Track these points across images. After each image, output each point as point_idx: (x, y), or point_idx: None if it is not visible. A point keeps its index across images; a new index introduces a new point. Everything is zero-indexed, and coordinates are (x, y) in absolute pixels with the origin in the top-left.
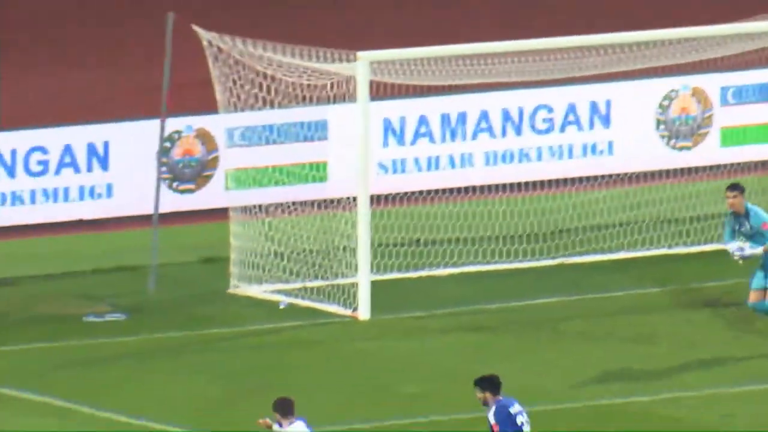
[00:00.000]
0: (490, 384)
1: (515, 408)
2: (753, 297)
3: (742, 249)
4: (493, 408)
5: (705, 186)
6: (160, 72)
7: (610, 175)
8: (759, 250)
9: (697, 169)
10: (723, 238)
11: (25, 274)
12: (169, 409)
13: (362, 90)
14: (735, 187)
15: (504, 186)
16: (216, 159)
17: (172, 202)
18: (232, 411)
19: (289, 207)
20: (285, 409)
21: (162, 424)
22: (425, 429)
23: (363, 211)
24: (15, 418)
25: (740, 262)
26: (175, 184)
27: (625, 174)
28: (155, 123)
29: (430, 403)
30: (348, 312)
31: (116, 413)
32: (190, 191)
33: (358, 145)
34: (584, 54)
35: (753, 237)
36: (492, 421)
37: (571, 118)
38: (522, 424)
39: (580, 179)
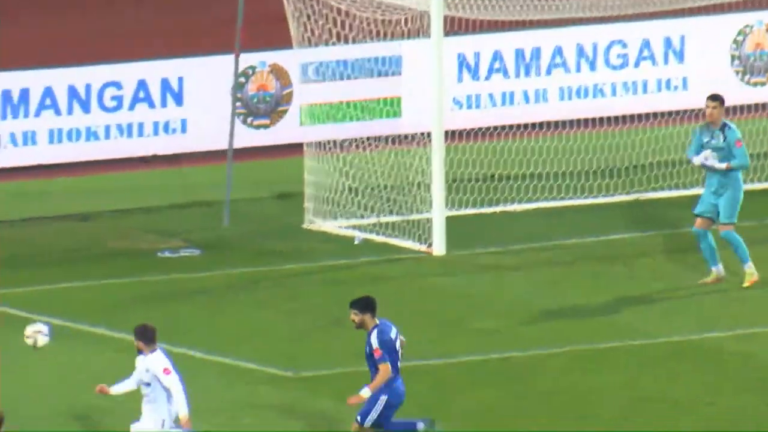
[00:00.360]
0: (367, 305)
1: (393, 332)
2: (699, 224)
3: (707, 159)
4: (375, 331)
5: None
6: (235, 7)
7: (685, 111)
8: (722, 165)
9: None
10: (687, 149)
11: (100, 209)
12: (243, 344)
13: (436, 25)
14: (716, 98)
15: (578, 121)
16: (290, 94)
17: (247, 137)
18: (306, 346)
19: (363, 142)
20: (147, 336)
21: (236, 359)
22: (500, 365)
23: (437, 146)
24: (90, 353)
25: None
26: (249, 120)
27: (700, 110)
28: (229, 58)
29: (505, 339)
30: (422, 248)
31: (190, 349)
32: (265, 126)
33: (431, 81)
34: None
35: (721, 151)
36: (375, 345)
37: (645, 53)
38: (399, 349)
39: (654, 115)
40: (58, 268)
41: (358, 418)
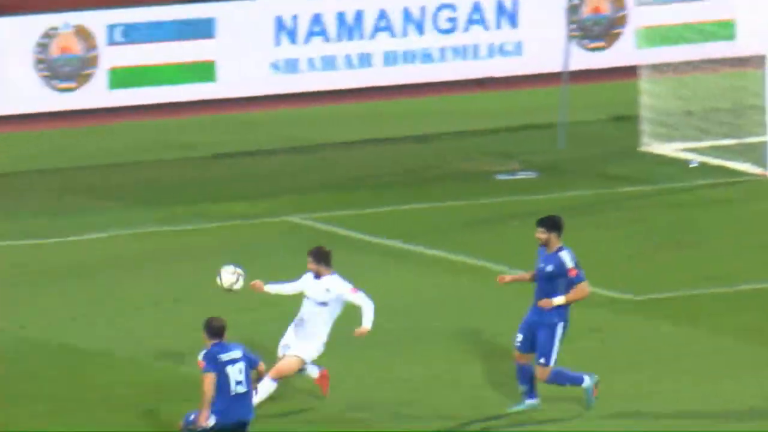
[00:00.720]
0: (555, 224)
1: None
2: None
3: None
4: (565, 251)
5: None
6: None
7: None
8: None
9: None
10: None
11: (438, 131)
12: (582, 267)
13: None
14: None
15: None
16: (624, 17)
17: (582, 59)
18: (645, 269)
19: (698, 65)
20: (328, 259)
21: None
22: None
23: None
24: (426, 276)
25: None
26: (584, 42)
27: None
28: None
29: None
30: (759, 171)
31: (527, 271)
32: (600, 49)
33: None
34: None
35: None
36: (570, 264)
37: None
38: None
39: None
40: (395, 190)
41: (542, 360)
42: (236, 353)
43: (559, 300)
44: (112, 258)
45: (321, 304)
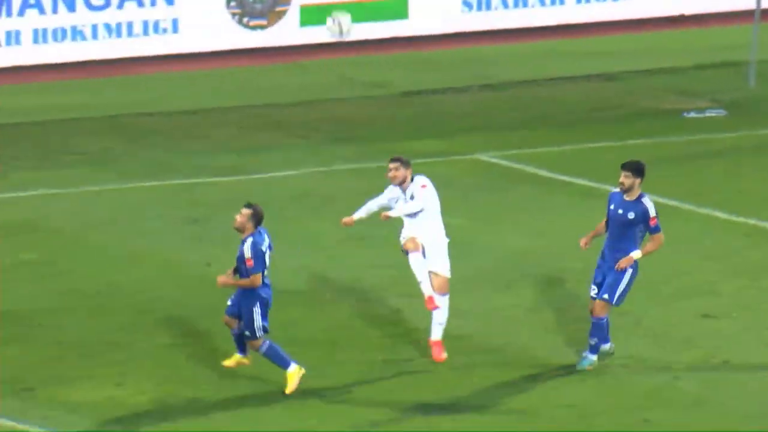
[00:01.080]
0: (639, 169)
1: None
2: None
3: None
4: (647, 198)
5: None
6: None
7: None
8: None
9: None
10: None
11: (626, 69)
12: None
13: None
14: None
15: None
16: None
17: None
18: None
19: None
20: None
21: (760, 221)
22: None
23: None
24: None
25: None
26: None
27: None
28: None
29: None
30: None
31: (714, 210)
32: None
33: None
34: None
35: None
36: (653, 213)
37: None
38: None
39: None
40: (583, 128)
41: (606, 296)
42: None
43: (636, 254)
44: (299, 195)
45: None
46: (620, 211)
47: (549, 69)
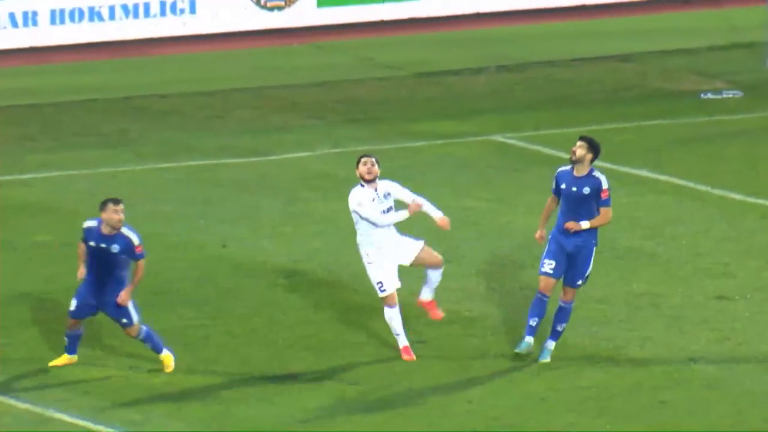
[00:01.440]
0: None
1: None
2: None
3: None
4: (601, 174)
5: None
6: None
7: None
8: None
9: None
10: None
11: (642, 50)
12: None
13: None
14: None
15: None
16: None
17: None
18: None
19: None
20: None
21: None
22: None
23: None
24: (632, 196)
25: None
26: None
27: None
28: None
29: None
30: None
31: (730, 191)
32: None
33: None
34: None
35: None
36: (606, 185)
37: None
38: None
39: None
40: (598, 109)
41: (579, 282)
42: None
43: (585, 224)
44: (315, 177)
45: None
46: (574, 189)
47: (565, 50)
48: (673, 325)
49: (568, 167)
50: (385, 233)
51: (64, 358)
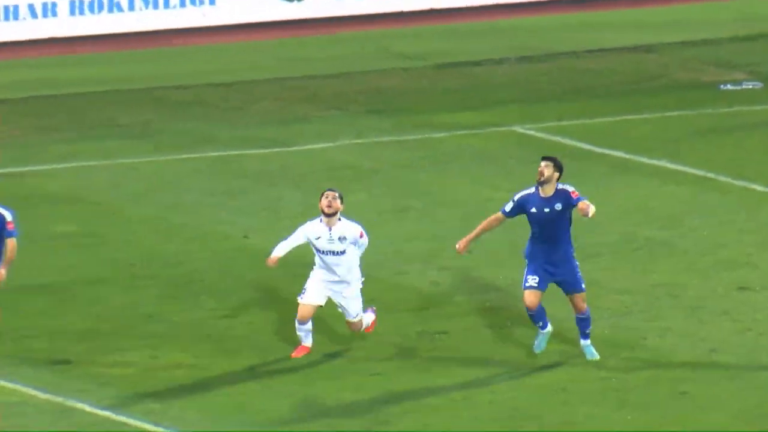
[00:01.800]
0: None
1: None
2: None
3: None
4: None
5: None
6: None
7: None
8: None
9: None
10: None
11: (663, 41)
12: None
13: None
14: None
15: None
16: None
17: None
18: None
19: None
20: None
21: None
22: None
23: None
24: (651, 187)
25: None
26: None
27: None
28: None
29: None
30: None
31: (751, 183)
32: None
33: None
34: None
35: None
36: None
37: None
38: None
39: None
40: (619, 100)
41: (583, 285)
42: None
43: (593, 210)
44: (336, 167)
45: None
46: (546, 210)
47: (586, 41)
48: (692, 316)
49: (531, 190)
50: (326, 271)
51: None
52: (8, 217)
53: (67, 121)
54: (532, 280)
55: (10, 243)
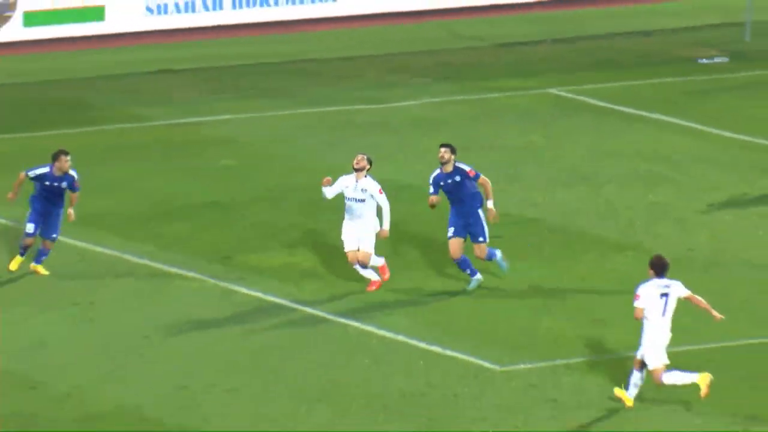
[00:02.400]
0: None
1: None
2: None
3: None
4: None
5: None
6: None
7: None
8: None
9: None
10: None
11: (661, 27)
12: None
13: None
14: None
15: None
16: None
17: None
18: None
19: None
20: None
21: None
22: None
23: None
24: (654, 136)
25: None
26: None
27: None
28: None
29: None
30: None
31: (724, 131)
32: None
33: None
34: None
35: None
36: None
37: None
38: None
39: None
40: (629, 71)
41: (481, 239)
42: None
43: (491, 204)
44: (418, 120)
45: (360, 201)
46: (450, 181)
47: (604, 27)
48: (678, 225)
49: (437, 171)
50: (349, 215)
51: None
52: (76, 176)
53: (228, 85)
54: (451, 231)
55: (75, 195)
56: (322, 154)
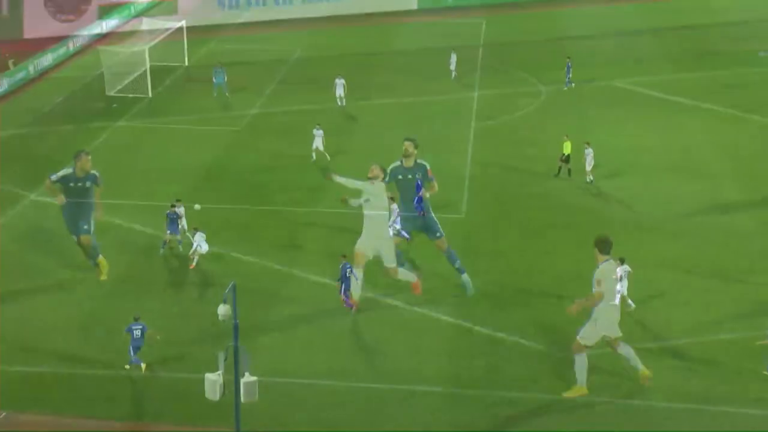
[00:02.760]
0: None
1: None
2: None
3: None
4: None
5: None
6: None
7: None
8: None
9: None
10: None
11: (705, 22)
12: None
13: None
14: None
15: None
16: None
17: None
18: None
19: None
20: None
21: None
22: None
23: None
24: (700, 121)
25: None
26: None
27: None
28: None
29: None
30: None
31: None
32: None
33: None
34: None
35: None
36: None
37: None
38: None
39: None
40: (680, 63)
41: (438, 234)
42: None
43: (425, 194)
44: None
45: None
46: (409, 176)
47: (649, 22)
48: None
49: (398, 163)
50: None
51: None
52: (98, 174)
53: (301, 78)
54: (407, 233)
55: (99, 191)
56: (394, 136)
